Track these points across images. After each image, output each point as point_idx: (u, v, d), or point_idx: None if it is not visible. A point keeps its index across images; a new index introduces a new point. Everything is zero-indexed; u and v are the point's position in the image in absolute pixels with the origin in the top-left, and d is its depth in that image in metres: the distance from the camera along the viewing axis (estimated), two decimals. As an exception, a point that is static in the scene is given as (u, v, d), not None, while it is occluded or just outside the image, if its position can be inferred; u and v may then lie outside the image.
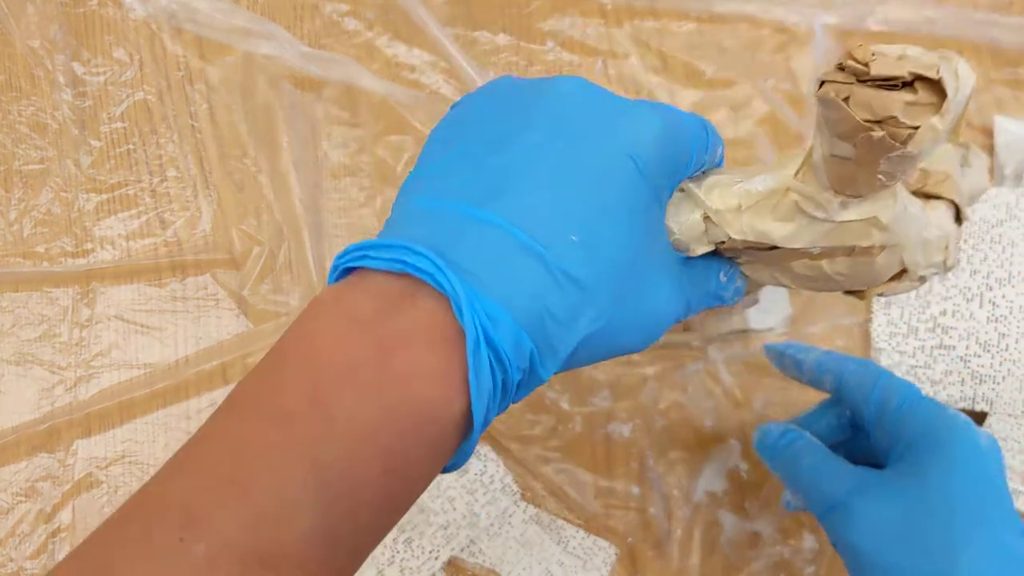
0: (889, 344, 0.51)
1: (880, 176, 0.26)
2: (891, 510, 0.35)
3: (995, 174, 0.52)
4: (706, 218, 0.31)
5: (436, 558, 0.47)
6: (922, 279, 0.32)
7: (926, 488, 0.35)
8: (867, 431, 0.40)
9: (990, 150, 0.53)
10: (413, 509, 0.48)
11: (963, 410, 0.50)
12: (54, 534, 0.48)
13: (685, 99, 0.53)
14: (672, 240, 0.32)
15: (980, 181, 0.34)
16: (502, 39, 0.54)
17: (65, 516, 0.48)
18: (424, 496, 0.47)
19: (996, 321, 0.50)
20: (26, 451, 0.49)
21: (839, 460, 0.39)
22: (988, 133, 0.53)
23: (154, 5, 0.53)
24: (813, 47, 0.53)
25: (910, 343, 0.51)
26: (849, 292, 0.34)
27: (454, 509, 0.48)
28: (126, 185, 0.52)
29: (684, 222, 0.31)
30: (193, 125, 0.53)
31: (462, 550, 0.48)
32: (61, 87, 0.52)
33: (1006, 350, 0.50)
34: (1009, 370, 0.49)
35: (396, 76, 0.53)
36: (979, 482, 0.35)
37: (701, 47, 0.54)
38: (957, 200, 0.32)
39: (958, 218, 0.32)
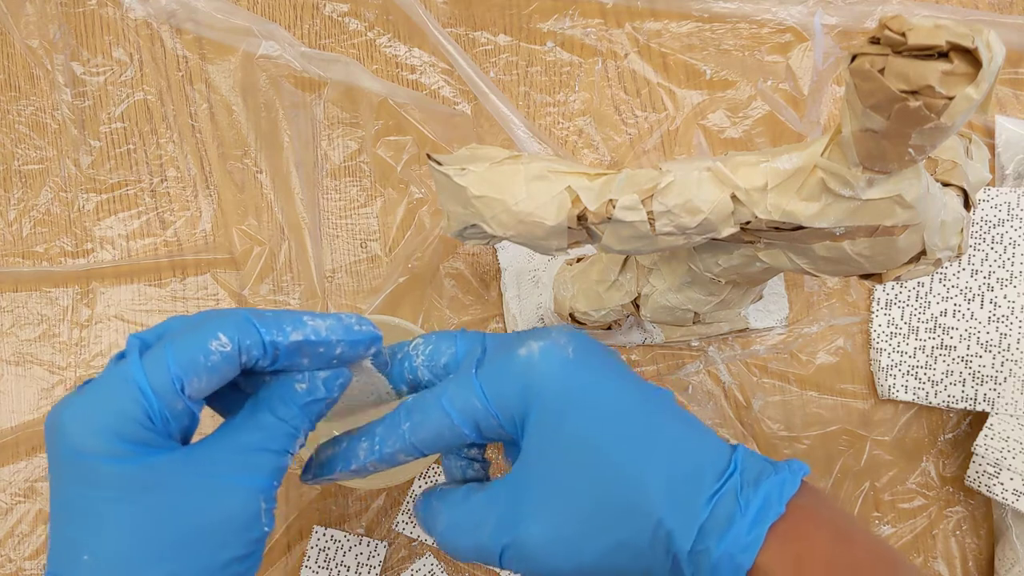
0: (889, 344, 0.51)
1: (910, 149, 0.26)
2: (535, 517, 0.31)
3: (995, 174, 0.52)
4: (733, 197, 0.31)
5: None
6: (938, 262, 0.32)
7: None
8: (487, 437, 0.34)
9: (991, 150, 0.53)
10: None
11: (964, 410, 0.50)
12: (54, 534, 0.48)
13: (685, 99, 0.53)
14: (701, 220, 0.32)
15: (982, 172, 0.34)
16: (502, 39, 0.54)
17: (65, 516, 0.48)
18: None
19: (997, 321, 0.50)
20: (26, 451, 0.49)
21: (470, 501, 0.34)
22: (989, 133, 0.53)
23: (154, 5, 0.53)
24: (813, 47, 0.53)
25: (910, 343, 0.51)
26: (866, 276, 0.33)
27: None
28: (126, 185, 0.52)
29: (712, 202, 0.31)
30: (193, 125, 0.52)
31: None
32: (60, 87, 0.52)
33: (1007, 350, 0.50)
34: (1011, 370, 0.49)
35: (396, 76, 0.53)
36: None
37: (701, 47, 0.54)
38: (965, 187, 0.32)
39: (966, 204, 0.33)
